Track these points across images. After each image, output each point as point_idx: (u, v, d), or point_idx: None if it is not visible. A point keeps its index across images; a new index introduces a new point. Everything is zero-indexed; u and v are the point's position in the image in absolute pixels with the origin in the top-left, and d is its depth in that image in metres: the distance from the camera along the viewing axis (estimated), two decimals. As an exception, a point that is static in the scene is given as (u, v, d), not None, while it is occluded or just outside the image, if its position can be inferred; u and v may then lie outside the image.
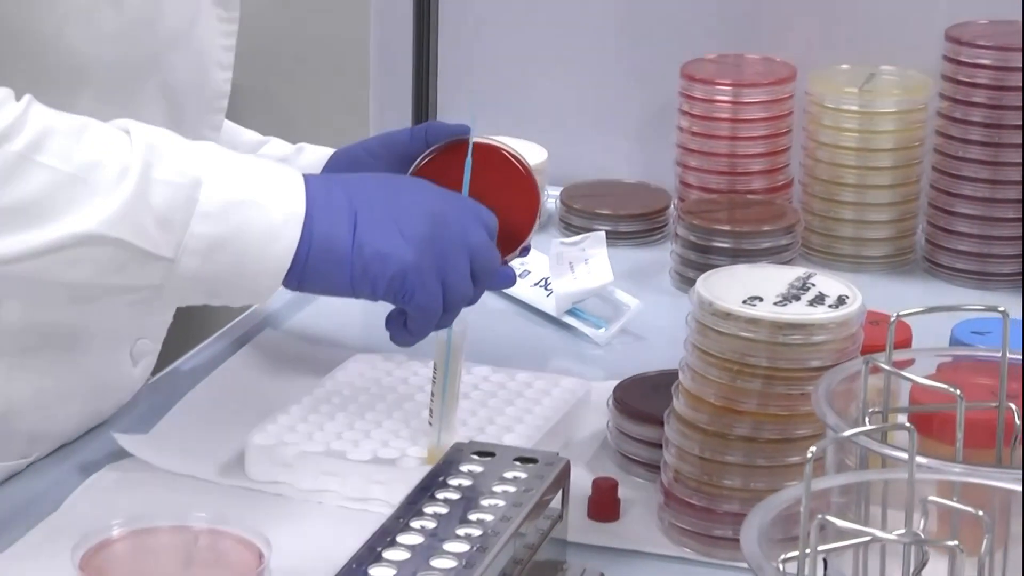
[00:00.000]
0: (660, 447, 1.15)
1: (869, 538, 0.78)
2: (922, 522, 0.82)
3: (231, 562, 0.97)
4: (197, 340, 1.43)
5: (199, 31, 1.19)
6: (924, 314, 1.00)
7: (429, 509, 0.99)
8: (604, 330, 1.48)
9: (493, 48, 1.89)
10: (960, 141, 1.62)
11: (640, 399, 1.23)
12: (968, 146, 1.62)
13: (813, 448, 0.78)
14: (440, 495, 1.01)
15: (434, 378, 1.18)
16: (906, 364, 1.02)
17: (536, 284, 1.54)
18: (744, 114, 1.68)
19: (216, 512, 0.98)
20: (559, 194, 1.74)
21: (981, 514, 0.80)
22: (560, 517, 1.07)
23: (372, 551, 0.94)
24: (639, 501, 1.17)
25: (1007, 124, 1.60)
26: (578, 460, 1.22)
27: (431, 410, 1.18)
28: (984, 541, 0.79)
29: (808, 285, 1.12)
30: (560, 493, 1.07)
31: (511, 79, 1.88)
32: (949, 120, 1.63)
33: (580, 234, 1.54)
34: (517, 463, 1.06)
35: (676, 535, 1.13)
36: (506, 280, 1.21)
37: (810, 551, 0.76)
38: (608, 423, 1.25)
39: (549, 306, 1.51)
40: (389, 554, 0.94)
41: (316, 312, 1.49)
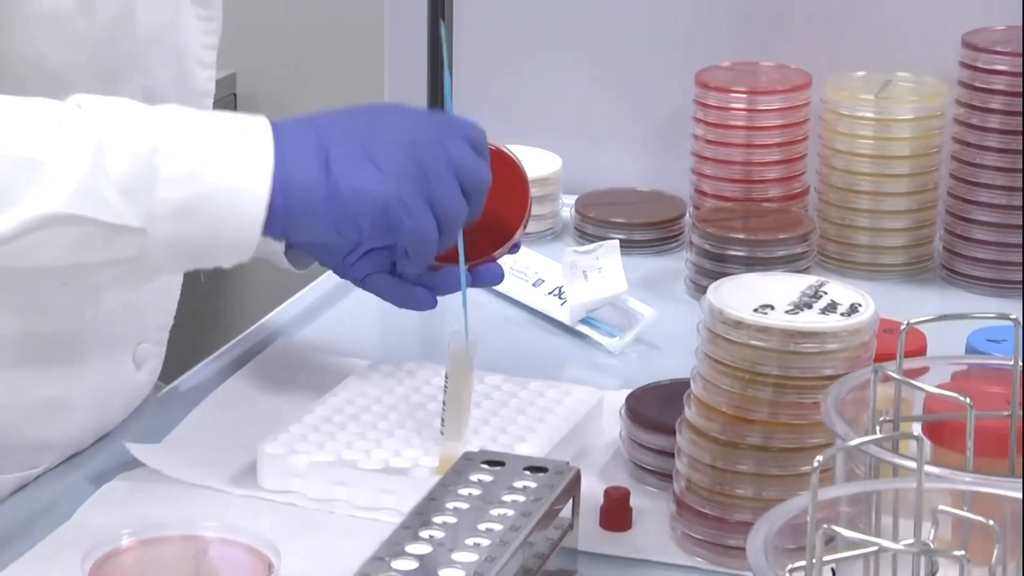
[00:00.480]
0: (672, 456, 1.15)
1: (876, 548, 0.78)
2: (933, 532, 0.82)
3: (241, 571, 0.97)
4: (211, 350, 1.43)
5: (178, 31, 1.18)
6: (935, 322, 0.99)
7: (438, 518, 0.99)
8: (618, 339, 1.47)
9: (507, 57, 1.89)
10: (977, 148, 1.61)
11: (652, 408, 1.23)
12: (985, 153, 1.61)
13: (820, 457, 0.77)
14: (449, 504, 1.01)
15: (446, 387, 1.18)
16: (920, 372, 1.02)
17: (550, 293, 1.54)
18: (759, 122, 1.67)
19: (226, 521, 0.98)
20: (573, 203, 1.73)
21: (992, 523, 0.79)
22: (570, 526, 1.07)
23: (381, 561, 0.94)
24: (651, 510, 1.17)
25: (1024, 130, 1.59)
26: (591, 469, 1.22)
27: (443, 419, 1.18)
28: (995, 551, 0.78)
29: (820, 293, 1.11)
30: (571, 502, 1.06)
31: (525, 87, 1.88)
32: (966, 127, 1.62)
33: (594, 242, 1.54)
34: (527, 472, 1.05)
35: (688, 544, 1.13)
36: (493, 277, 1.19)
37: (816, 561, 0.76)
38: (621, 432, 1.25)
39: (563, 315, 1.51)
40: (398, 564, 0.94)
41: (329, 322, 1.49)
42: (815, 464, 0.77)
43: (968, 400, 0.91)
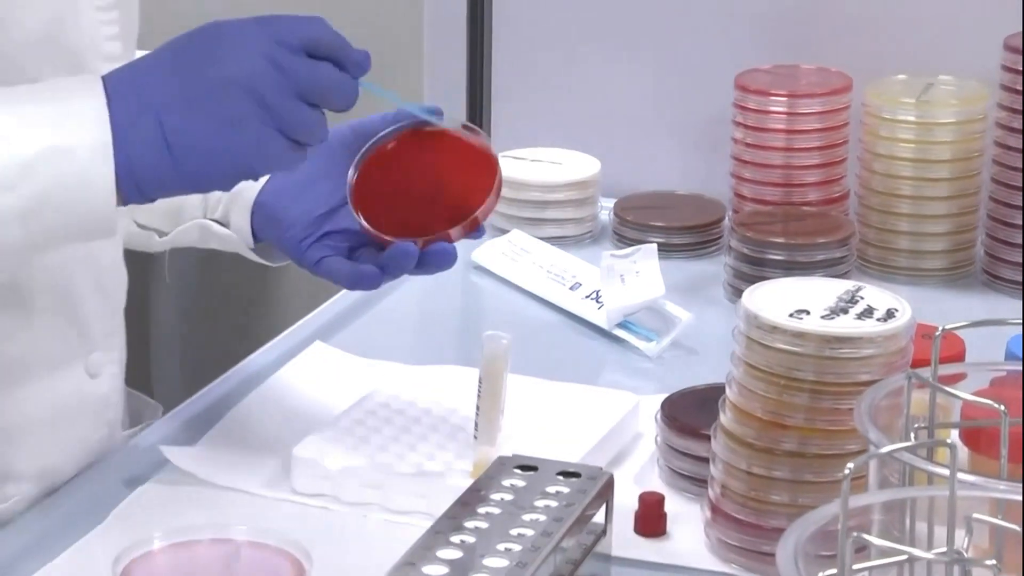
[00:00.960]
0: (708, 462, 1.14)
1: (905, 557, 0.77)
2: (967, 540, 0.81)
3: (272, 575, 0.97)
4: (245, 353, 1.43)
5: (71, 28, 1.15)
6: (972, 327, 0.98)
7: (470, 523, 0.99)
8: (655, 343, 1.46)
9: (546, 61, 1.89)
10: (1019, 151, 1.59)
11: (688, 413, 1.22)
12: (1028, 157, 1.59)
13: (851, 465, 0.76)
14: (481, 509, 1.00)
15: (480, 391, 1.17)
16: (958, 378, 1.01)
17: (587, 297, 1.53)
18: (799, 125, 1.66)
19: (258, 524, 0.98)
20: (612, 206, 1.73)
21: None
22: (604, 532, 1.06)
23: (411, 566, 0.94)
24: (686, 516, 1.16)
25: (1067, 134, 1.57)
26: (626, 474, 1.21)
27: (476, 423, 1.17)
28: (1029, 559, 0.78)
29: (856, 298, 1.10)
30: (604, 508, 1.06)
31: (564, 91, 1.88)
32: (1008, 130, 1.60)
33: (633, 246, 1.53)
34: (560, 477, 1.05)
35: (723, 551, 1.12)
36: (444, 259, 1.16)
37: (847, 569, 0.75)
38: (656, 437, 1.24)
39: (600, 319, 1.50)
40: (428, 568, 0.94)
41: (364, 325, 1.49)
42: (846, 471, 0.76)
43: (1002, 407, 0.90)
